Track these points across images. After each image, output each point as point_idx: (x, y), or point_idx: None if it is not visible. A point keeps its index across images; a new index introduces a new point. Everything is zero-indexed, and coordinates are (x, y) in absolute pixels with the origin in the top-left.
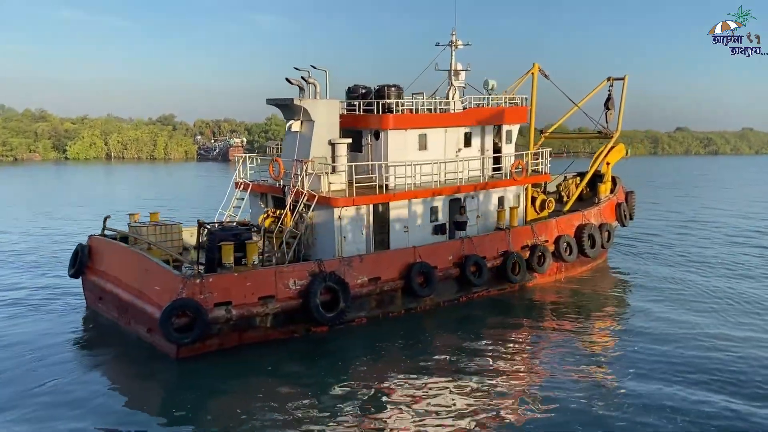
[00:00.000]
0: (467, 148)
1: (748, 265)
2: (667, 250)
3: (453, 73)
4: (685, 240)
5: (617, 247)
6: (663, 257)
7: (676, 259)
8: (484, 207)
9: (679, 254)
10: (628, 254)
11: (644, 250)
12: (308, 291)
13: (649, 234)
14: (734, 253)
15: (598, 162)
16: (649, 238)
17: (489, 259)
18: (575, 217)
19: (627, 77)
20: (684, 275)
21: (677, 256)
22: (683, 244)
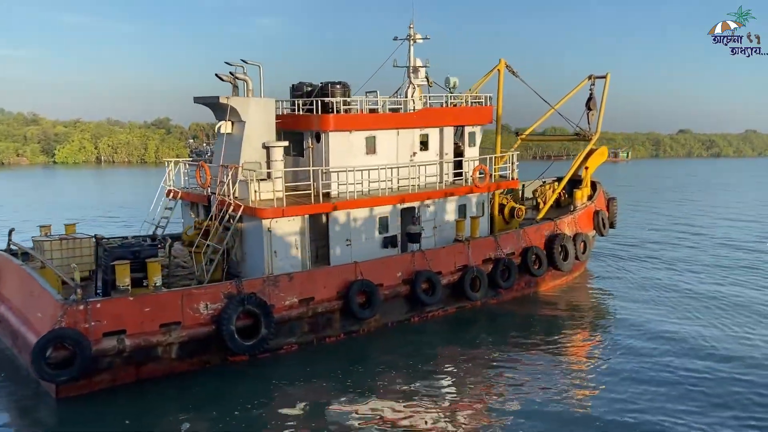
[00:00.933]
0: (424, 151)
1: (737, 274)
2: (653, 262)
3: (412, 70)
4: (673, 250)
5: (599, 258)
6: (647, 270)
7: (662, 272)
8: (442, 217)
9: (666, 266)
10: (611, 266)
11: (628, 261)
12: (222, 316)
13: (635, 243)
14: (723, 264)
15: (575, 166)
16: (635, 248)
17: (445, 275)
18: (546, 227)
19: (609, 75)
20: (669, 289)
21: (663, 269)
22: (670, 255)
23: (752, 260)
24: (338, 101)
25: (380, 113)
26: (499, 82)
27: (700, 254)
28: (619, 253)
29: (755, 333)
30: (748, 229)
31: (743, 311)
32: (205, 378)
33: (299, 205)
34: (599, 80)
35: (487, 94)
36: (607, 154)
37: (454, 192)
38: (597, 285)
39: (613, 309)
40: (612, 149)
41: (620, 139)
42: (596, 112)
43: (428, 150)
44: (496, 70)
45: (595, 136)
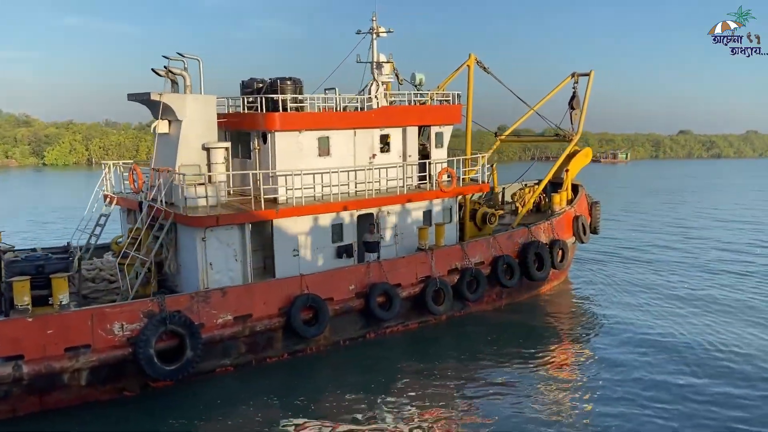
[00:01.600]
0: (385, 153)
1: (726, 279)
2: (639, 268)
3: (375, 66)
4: (660, 255)
5: (583, 265)
6: (632, 277)
7: (647, 280)
8: (404, 224)
9: (652, 272)
10: (595, 273)
11: (613, 267)
12: (139, 338)
13: (621, 248)
14: (713, 269)
15: (555, 168)
16: (620, 254)
17: (404, 287)
18: (519, 234)
19: (593, 73)
20: (653, 298)
21: (649, 276)
22: (656, 261)
23: (743, 266)
24: (287, 99)
25: (334, 112)
26: (468, 78)
27: (689, 259)
28: (603, 260)
29: (745, 340)
30: (742, 232)
31: (731, 317)
32: (121, 407)
33: (236, 213)
34: (583, 78)
35: (455, 92)
36: (592, 156)
37: (418, 197)
38: (577, 294)
39: (593, 320)
40: (611, 150)
41: (620, 140)
42: (579, 111)
43: (390, 152)
44: (466, 66)
45: (576, 136)
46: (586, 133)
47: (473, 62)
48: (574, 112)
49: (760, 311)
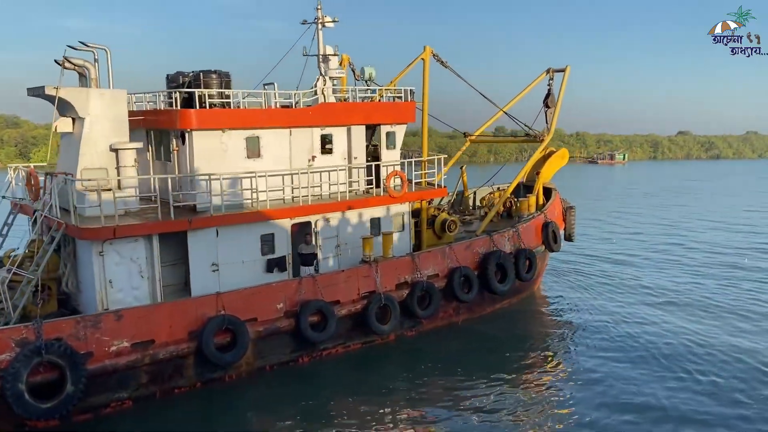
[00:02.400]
0: (327, 155)
1: (707, 290)
2: (617, 278)
3: (322, 59)
4: (641, 264)
5: (560, 276)
6: (608, 288)
7: (627, 292)
8: (348, 234)
9: (633, 283)
10: (573, 284)
11: (592, 278)
12: (7, 371)
13: (600, 256)
14: (695, 278)
15: (525, 171)
16: (602, 262)
17: (344, 304)
18: (479, 243)
19: (569, 68)
20: (630, 314)
21: (629, 288)
22: (641, 270)
23: (729, 276)
24: (206, 94)
25: (264, 108)
26: (424, 73)
27: (672, 266)
28: (581, 269)
29: (724, 346)
30: (732, 239)
31: (711, 328)
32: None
33: (139, 223)
34: (558, 74)
35: (408, 87)
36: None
37: (362, 203)
38: (546, 307)
39: (559, 335)
40: (608, 152)
41: (618, 141)
42: (553, 110)
43: (333, 153)
44: (421, 59)
45: (548, 136)
46: (584, 135)
47: (429, 55)
48: (549, 110)
49: (741, 316)
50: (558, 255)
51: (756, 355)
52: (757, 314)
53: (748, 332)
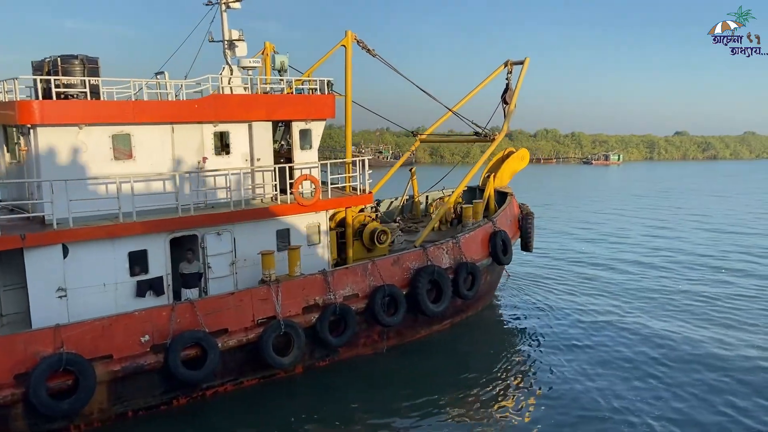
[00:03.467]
0: (223, 156)
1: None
2: (583, 292)
3: (227, 45)
4: (610, 276)
5: (519, 290)
6: (569, 304)
7: (588, 309)
8: (248, 249)
9: (595, 297)
10: (532, 299)
11: (553, 291)
12: None
13: (570, 266)
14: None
15: (472, 173)
16: (568, 273)
17: (233, 333)
18: (410, 258)
19: (528, 60)
20: (585, 327)
21: (591, 303)
22: (607, 283)
23: (693, 287)
24: (63, 81)
25: (136, 100)
26: (346, 62)
27: (645, 281)
28: (543, 281)
29: (689, 358)
30: (712, 242)
31: (677, 331)
32: None
33: None
34: (518, 67)
35: (326, 78)
36: (529, 158)
37: (263, 213)
38: (492, 327)
39: (501, 360)
40: (603, 152)
41: (613, 141)
42: (513, 107)
43: (231, 154)
44: (341, 46)
45: (500, 135)
46: (579, 135)
47: (351, 42)
48: (508, 106)
49: (699, 320)
50: (522, 264)
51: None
52: (735, 322)
53: (715, 337)
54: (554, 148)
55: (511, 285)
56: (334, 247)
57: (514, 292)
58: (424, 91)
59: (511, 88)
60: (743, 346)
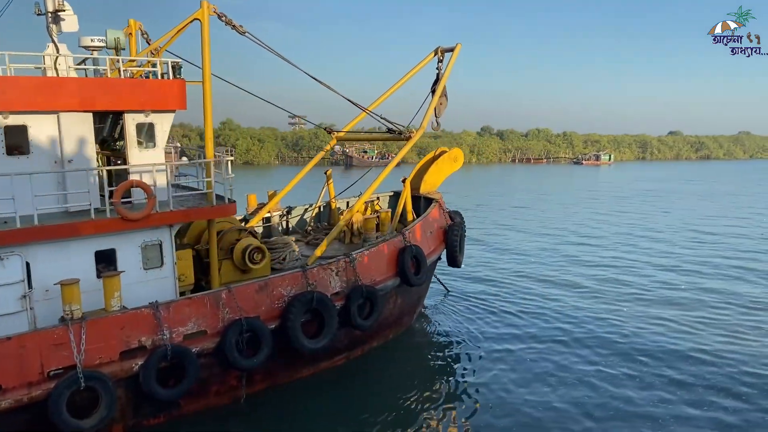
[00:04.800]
0: (16, 156)
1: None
2: (507, 316)
3: (51, 18)
4: (551, 290)
5: (442, 310)
6: (492, 329)
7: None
8: (52, 276)
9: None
10: (452, 325)
11: (484, 311)
12: None
13: (509, 280)
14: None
15: (384, 175)
16: (503, 291)
17: (9, 392)
18: (284, 282)
19: (459, 47)
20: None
21: (511, 322)
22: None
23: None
24: None
25: None
26: (203, 40)
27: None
28: (479, 300)
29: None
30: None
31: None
32: None
33: None
34: (449, 55)
35: (171, 60)
36: (463, 159)
37: (68, 230)
38: (402, 357)
39: (393, 405)
40: (594, 152)
41: (605, 141)
42: (444, 99)
43: (30, 153)
44: (195, 19)
45: (418, 132)
46: (571, 134)
47: (207, 15)
48: (439, 100)
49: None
50: (460, 278)
51: None
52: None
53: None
54: (545, 148)
55: (441, 304)
56: (189, 270)
57: (443, 311)
58: (340, 94)
59: (440, 79)
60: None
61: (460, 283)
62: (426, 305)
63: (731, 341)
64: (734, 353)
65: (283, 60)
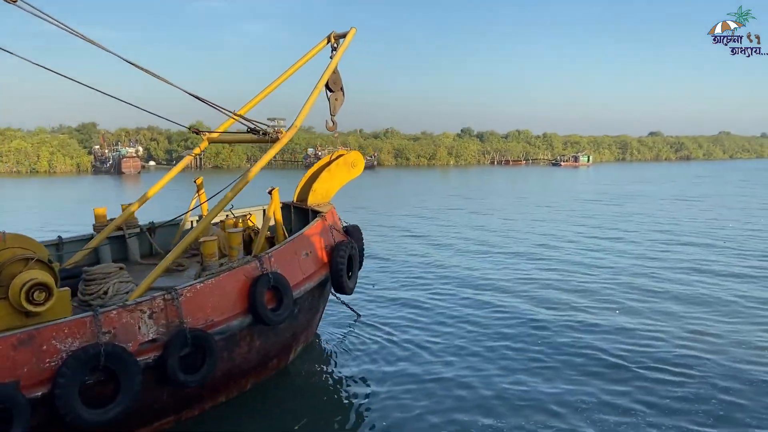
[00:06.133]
0: None
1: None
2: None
3: None
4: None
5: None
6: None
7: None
8: None
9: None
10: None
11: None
12: None
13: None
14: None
15: (247, 180)
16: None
17: None
18: (60, 334)
19: (353, 31)
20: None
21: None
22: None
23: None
24: None
25: None
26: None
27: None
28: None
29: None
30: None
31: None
32: None
33: None
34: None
35: None
36: (363, 164)
37: None
38: (259, 412)
39: None
40: (572, 154)
41: (585, 142)
42: (340, 94)
43: None
44: None
45: (287, 133)
46: (551, 136)
47: None
48: (333, 95)
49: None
50: (364, 300)
51: None
52: None
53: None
54: (525, 150)
55: (348, 332)
56: None
57: (343, 343)
58: (182, 89)
59: (337, 71)
60: None
61: (378, 305)
62: (320, 335)
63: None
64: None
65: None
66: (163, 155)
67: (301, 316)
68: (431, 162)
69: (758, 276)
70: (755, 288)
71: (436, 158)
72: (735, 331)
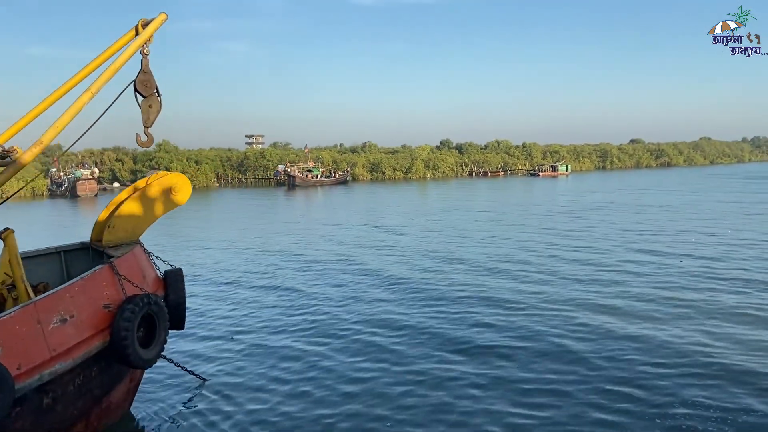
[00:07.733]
0: None
1: None
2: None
3: None
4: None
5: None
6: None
7: None
8: None
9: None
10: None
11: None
12: None
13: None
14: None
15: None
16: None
17: None
18: None
19: (163, 16)
20: None
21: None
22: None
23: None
24: None
25: None
26: None
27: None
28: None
29: None
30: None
31: None
32: None
33: None
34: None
35: None
36: (188, 189)
37: None
38: None
39: None
40: (551, 163)
41: (565, 151)
42: (157, 101)
43: None
44: None
45: (28, 152)
46: (531, 145)
47: None
48: (146, 101)
49: None
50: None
51: None
52: None
53: None
54: (503, 160)
55: (184, 404)
56: None
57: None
58: None
59: (147, 71)
60: None
61: (232, 363)
62: (134, 416)
63: None
64: None
65: None
66: (128, 176)
67: (59, 408)
68: (407, 175)
69: None
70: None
71: (412, 171)
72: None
